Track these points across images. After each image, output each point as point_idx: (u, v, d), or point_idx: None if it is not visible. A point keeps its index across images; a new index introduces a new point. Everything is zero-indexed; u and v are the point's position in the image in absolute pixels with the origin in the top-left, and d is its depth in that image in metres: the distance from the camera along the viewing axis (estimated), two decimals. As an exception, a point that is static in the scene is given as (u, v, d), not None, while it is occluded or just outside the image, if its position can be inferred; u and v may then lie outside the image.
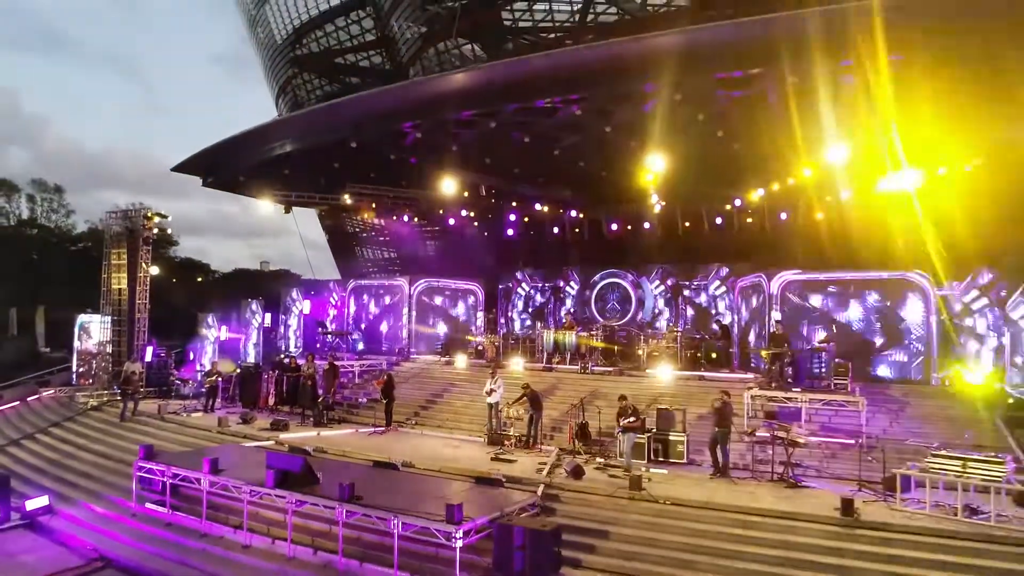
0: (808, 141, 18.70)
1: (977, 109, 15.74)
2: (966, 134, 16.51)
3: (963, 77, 15.14)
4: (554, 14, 34.98)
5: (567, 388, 19.47)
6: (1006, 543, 10.16)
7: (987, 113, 15.82)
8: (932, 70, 15.10)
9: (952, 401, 16.40)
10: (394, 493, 12.02)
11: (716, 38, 15.64)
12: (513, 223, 27.64)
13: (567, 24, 35.35)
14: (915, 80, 15.25)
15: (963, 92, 15.52)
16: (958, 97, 15.74)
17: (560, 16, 34.89)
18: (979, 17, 13.61)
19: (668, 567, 10.58)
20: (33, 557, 13.06)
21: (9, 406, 26.63)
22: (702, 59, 15.81)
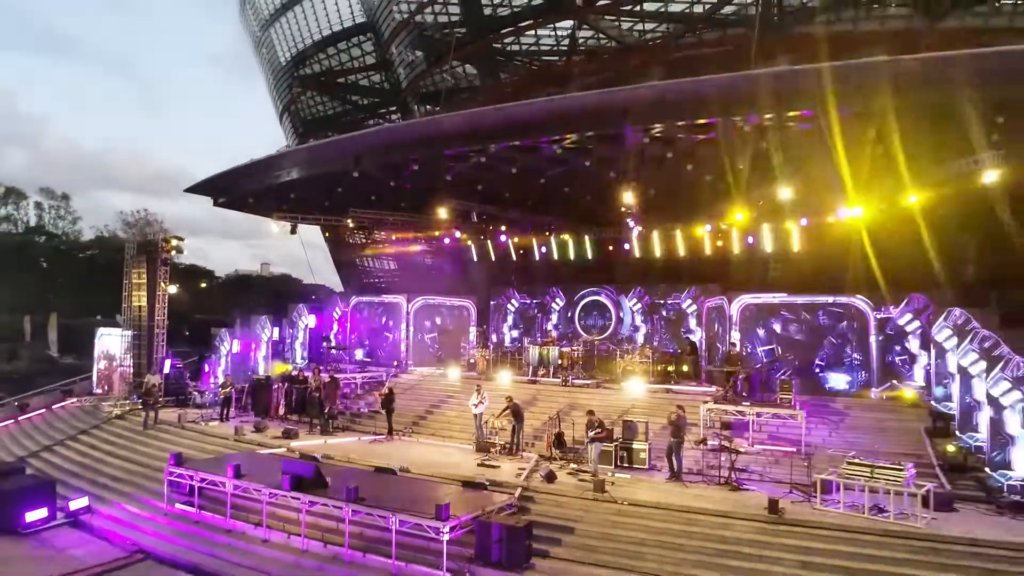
0: (765, 176, 20.82)
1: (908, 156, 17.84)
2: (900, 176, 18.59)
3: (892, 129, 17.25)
4: (542, 40, 37.32)
5: (548, 400, 21.57)
6: (901, 536, 12.24)
7: (914, 161, 17.93)
8: (866, 123, 17.22)
9: (888, 413, 18.50)
10: (392, 494, 14.09)
11: (680, 92, 17.73)
12: (504, 243, 29.71)
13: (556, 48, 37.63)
14: (854, 130, 17.38)
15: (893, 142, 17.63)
16: (891, 146, 17.86)
17: (548, 41, 37.24)
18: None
19: (621, 557, 12.63)
20: (81, 551, 15.12)
21: (36, 413, 28.69)
22: (667, 110, 17.92)
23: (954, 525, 12.63)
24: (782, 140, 18.69)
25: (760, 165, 19.93)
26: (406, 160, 23.27)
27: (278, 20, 44.38)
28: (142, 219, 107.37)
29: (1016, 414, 14.11)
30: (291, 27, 43.94)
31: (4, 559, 14.44)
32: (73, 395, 30.20)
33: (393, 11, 36.60)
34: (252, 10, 46.71)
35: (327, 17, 41.70)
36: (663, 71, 29.59)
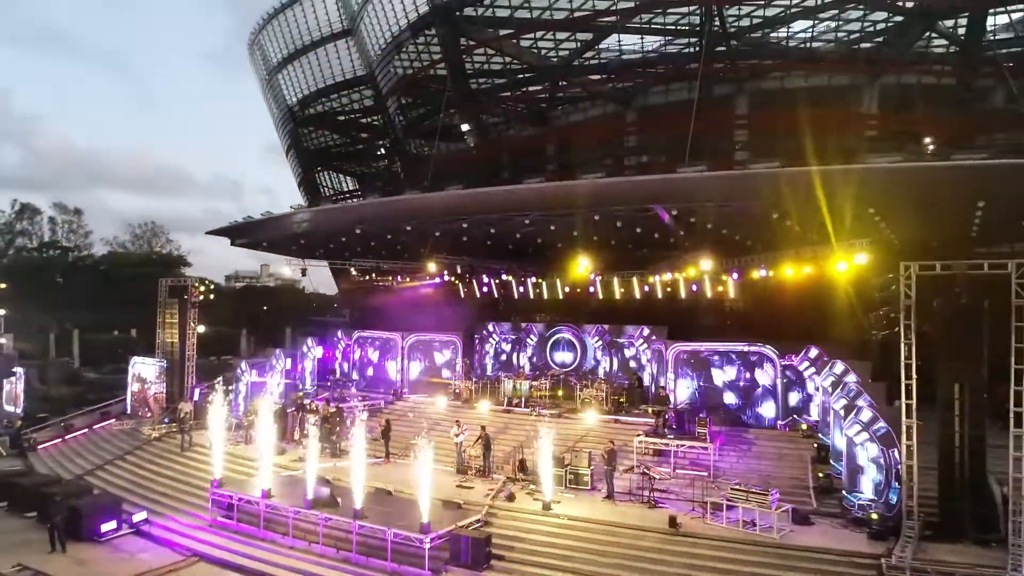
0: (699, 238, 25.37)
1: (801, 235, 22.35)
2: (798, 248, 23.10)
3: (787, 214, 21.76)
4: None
5: (518, 428, 26.01)
6: (761, 545, 16.67)
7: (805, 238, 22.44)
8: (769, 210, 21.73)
9: (786, 443, 22.97)
10: (388, 511, 18.54)
11: (612, 188, 22.22)
12: (486, 284, 34.13)
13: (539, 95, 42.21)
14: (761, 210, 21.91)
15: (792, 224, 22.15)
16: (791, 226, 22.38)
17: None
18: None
19: (557, 560, 17.04)
20: (148, 555, 19.56)
21: (80, 433, 33.01)
22: (603, 200, 22.40)
23: (803, 536, 17.08)
24: (706, 215, 23.21)
25: (693, 230, 24.48)
26: (400, 224, 27.76)
27: (285, 68, 48.68)
28: (149, 230, 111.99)
29: (864, 450, 18.51)
30: (297, 75, 48.28)
31: (91, 561, 18.89)
32: (111, 416, 34.58)
33: (390, 70, 41.03)
34: (261, 56, 50.96)
35: (330, 68, 46.10)
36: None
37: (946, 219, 22.70)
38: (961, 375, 16.31)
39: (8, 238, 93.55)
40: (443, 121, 40.80)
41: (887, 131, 31.06)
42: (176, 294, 32.54)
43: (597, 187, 22.40)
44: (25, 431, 32.70)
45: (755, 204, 21.47)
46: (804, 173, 19.96)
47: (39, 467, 28.89)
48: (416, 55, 39.45)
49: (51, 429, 33.47)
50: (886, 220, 22.18)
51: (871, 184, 19.52)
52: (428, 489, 17.72)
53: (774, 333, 25.68)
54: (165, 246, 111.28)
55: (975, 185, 18.57)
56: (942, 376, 16.61)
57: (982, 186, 18.53)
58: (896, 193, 19.97)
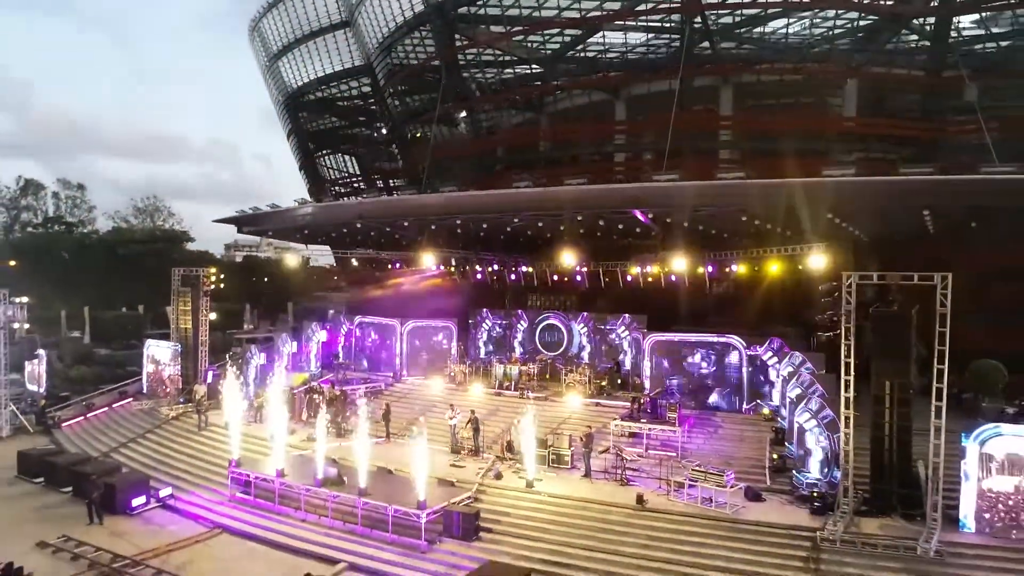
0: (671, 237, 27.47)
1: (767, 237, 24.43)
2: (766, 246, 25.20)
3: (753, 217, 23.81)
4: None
5: (508, 411, 28.31)
6: (714, 519, 19.06)
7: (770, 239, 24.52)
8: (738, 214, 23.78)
9: (749, 426, 25.31)
10: (389, 488, 20.90)
11: (595, 194, 24.19)
12: (480, 272, 36.20)
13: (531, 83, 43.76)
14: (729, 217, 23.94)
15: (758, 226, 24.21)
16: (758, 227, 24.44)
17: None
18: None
19: (536, 532, 19.44)
20: (175, 527, 21.97)
21: (101, 411, 35.37)
22: (586, 204, 24.40)
23: (754, 512, 19.47)
24: (681, 215, 25.27)
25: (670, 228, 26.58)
26: (398, 220, 29.78)
27: (284, 56, 50.09)
28: (151, 204, 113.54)
29: (812, 435, 20.81)
30: (296, 62, 49.71)
31: (126, 532, 21.29)
32: (128, 395, 36.91)
33: (387, 62, 42.55)
34: (261, 42, 52.29)
35: (329, 57, 47.57)
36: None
37: (900, 221, 24.78)
38: (891, 373, 18.53)
39: (13, 213, 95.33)
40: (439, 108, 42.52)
41: (860, 131, 32.87)
42: (188, 283, 34.59)
43: (580, 192, 24.38)
44: (49, 410, 35.10)
45: (725, 209, 23.50)
46: (768, 185, 21.97)
47: (65, 444, 31.28)
48: (412, 49, 40.95)
49: (73, 408, 35.81)
50: (847, 222, 24.25)
51: (827, 194, 21.58)
52: (424, 470, 19.99)
53: (746, 323, 27.89)
54: (167, 219, 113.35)
55: (915, 198, 20.59)
56: (875, 373, 18.83)
57: (922, 199, 20.57)
58: (848, 202, 22.02)
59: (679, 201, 22.39)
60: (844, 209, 22.68)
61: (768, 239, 25.47)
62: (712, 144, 34.12)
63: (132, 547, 19.99)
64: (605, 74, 40.14)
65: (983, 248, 28.81)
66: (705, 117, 34.44)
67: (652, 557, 17.81)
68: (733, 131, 33.83)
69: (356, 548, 19.42)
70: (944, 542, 17.31)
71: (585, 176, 25.79)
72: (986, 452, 17.82)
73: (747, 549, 17.85)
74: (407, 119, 45.87)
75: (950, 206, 21.32)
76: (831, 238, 24.01)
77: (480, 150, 40.64)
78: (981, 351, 28.35)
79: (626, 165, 36.13)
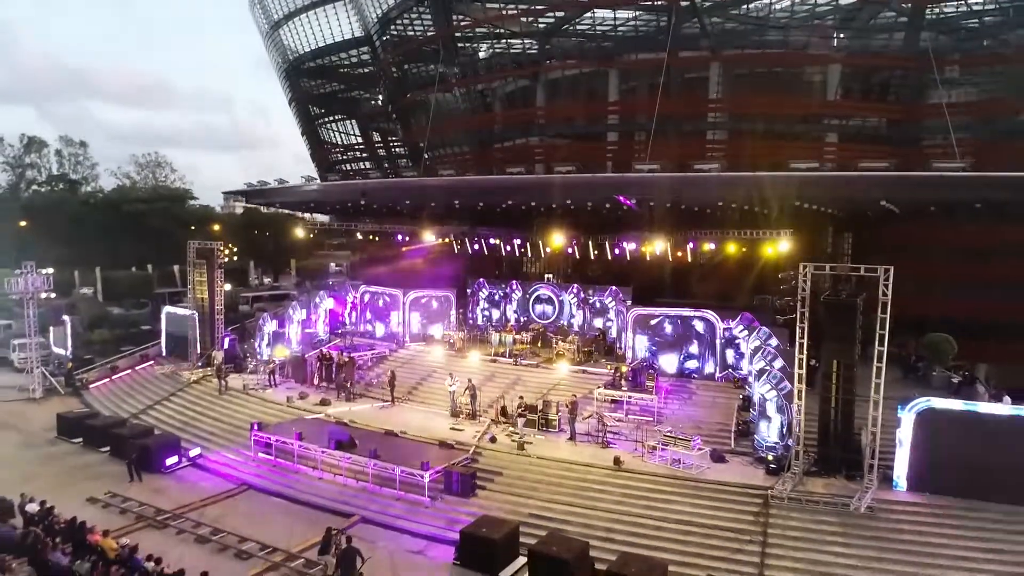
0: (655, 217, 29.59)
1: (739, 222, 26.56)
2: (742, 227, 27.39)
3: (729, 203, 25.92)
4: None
5: (502, 377, 30.95)
6: (681, 479, 21.76)
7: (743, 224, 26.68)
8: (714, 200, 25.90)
9: (721, 393, 27.89)
10: (396, 451, 23.59)
11: (581, 181, 26.20)
12: (477, 244, 38.36)
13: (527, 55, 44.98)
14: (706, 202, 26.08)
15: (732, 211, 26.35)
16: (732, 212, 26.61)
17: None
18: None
19: (526, 490, 22.16)
20: (206, 484, 24.74)
21: (124, 373, 38.04)
22: (572, 190, 26.46)
23: (716, 472, 22.15)
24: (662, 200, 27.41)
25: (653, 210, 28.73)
26: (400, 198, 31.83)
27: (285, 24, 51.03)
28: (152, 161, 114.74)
29: (772, 404, 23.35)
30: (297, 31, 50.67)
31: (164, 489, 24.05)
32: (149, 357, 39.47)
33: (386, 35, 43.78)
34: (262, 9, 53.09)
35: (329, 27, 48.52)
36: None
37: (869, 204, 26.88)
38: (838, 354, 20.97)
39: (18, 171, 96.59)
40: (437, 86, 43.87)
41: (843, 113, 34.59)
42: (203, 255, 36.76)
43: (567, 180, 26.43)
44: (76, 372, 37.76)
45: (701, 197, 25.59)
46: (738, 177, 24.03)
47: (95, 405, 34.00)
48: (410, 23, 42.16)
49: (98, 370, 38.45)
50: (820, 206, 26.38)
51: (791, 187, 23.69)
52: (427, 435, 22.60)
53: (722, 296, 30.29)
54: (169, 175, 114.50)
55: (871, 190, 22.71)
56: (824, 353, 21.29)
57: (877, 191, 22.69)
58: (812, 192, 24.13)
59: (658, 189, 24.45)
60: (813, 197, 24.76)
61: (749, 217, 27.52)
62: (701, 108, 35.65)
63: (171, 502, 22.74)
64: (599, 44, 41.37)
65: (947, 227, 31.14)
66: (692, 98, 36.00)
67: (625, 512, 20.55)
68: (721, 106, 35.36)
69: (367, 503, 22.18)
70: (878, 499, 20.04)
71: (576, 148, 27.68)
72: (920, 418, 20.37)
73: (707, 505, 20.59)
74: (405, 91, 47.21)
75: (904, 198, 23.36)
76: (810, 216, 26.08)
77: (477, 124, 42.16)
78: (940, 319, 31.06)
79: (619, 127, 37.77)
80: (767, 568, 18.03)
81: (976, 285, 31.95)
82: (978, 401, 24.94)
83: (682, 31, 35.50)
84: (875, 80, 35.31)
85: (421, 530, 20.67)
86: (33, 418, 32.38)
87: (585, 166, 28.83)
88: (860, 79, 35.23)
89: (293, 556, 18.93)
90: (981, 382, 25.98)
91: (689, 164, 26.45)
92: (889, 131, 34.32)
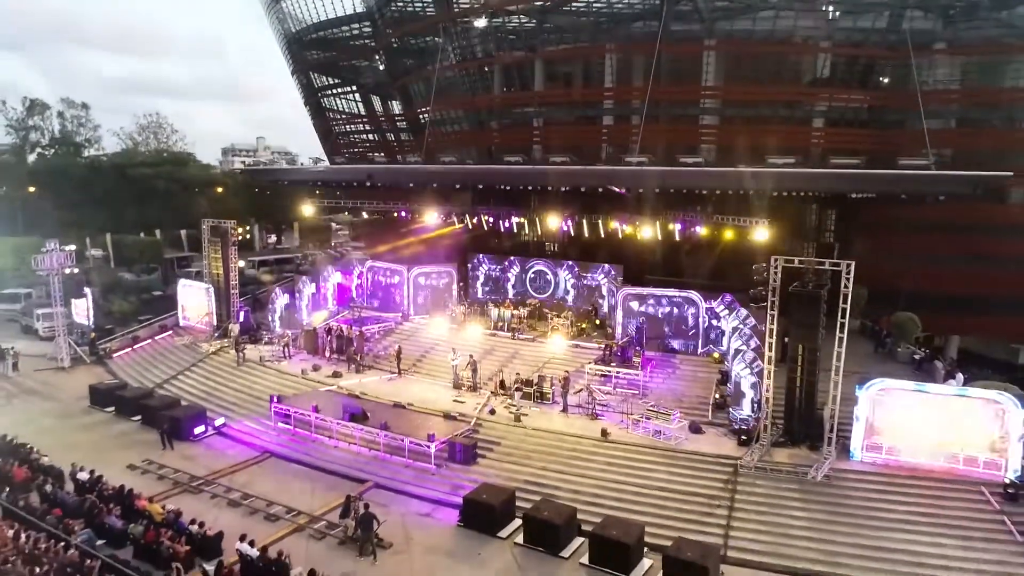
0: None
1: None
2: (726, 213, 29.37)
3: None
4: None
5: (501, 350, 33.29)
6: (660, 449, 24.25)
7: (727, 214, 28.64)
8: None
9: (702, 368, 30.27)
10: (404, 422, 26.06)
11: (574, 173, 28.07)
12: (477, 220, 40.22)
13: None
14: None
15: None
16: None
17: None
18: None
19: (521, 459, 24.66)
20: (232, 451, 27.25)
21: (145, 343, 40.39)
22: (565, 180, 28.34)
23: (693, 443, 24.63)
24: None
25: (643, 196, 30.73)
26: (405, 181, 33.70)
27: (286, -1, 51.75)
28: (154, 122, 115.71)
29: (746, 380, 25.70)
30: (299, 4, 51.43)
31: (195, 456, 26.57)
32: (168, 328, 41.77)
33: (386, 11, 44.81)
34: (263, -21, 53.71)
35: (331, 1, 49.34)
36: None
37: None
38: (804, 339, 23.22)
39: (22, 134, 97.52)
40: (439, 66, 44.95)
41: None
42: (218, 233, 38.71)
43: (560, 172, 28.32)
44: (99, 342, 40.06)
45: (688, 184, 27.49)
46: (720, 173, 25.93)
47: (120, 374, 36.42)
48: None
49: (119, 340, 40.78)
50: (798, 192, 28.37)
51: (768, 182, 25.62)
52: (434, 413, 24.98)
53: (710, 275, 32.53)
54: (171, 137, 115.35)
55: (841, 184, 24.69)
56: (791, 339, 23.54)
57: (845, 184, 24.66)
58: (789, 185, 26.07)
59: (647, 182, 26.37)
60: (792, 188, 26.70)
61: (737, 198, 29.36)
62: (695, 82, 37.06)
63: (202, 468, 25.26)
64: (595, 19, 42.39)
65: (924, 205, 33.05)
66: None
67: (611, 479, 23.07)
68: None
69: (379, 470, 24.69)
70: (836, 468, 22.55)
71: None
72: (875, 399, 22.73)
73: (684, 473, 23.12)
74: (406, 68, 48.38)
75: (872, 190, 25.29)
76: (796, 196, 27.92)
77: (476, 104, 43.50)
78: (916, 293, 33.50)
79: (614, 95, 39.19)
80: (732, 530, 20.56)
81: (952, 260, 34.20)
82: (937, 375, 27.50)
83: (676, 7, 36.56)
84: (859, 66, 36.57)
85: (428, 494, 23.21)
86: (65, 387, 34.78)
87: (580, 148, 30.43)
88: (846, 64, 36.55)
89: (316, 518, 21.47)
90: (939, 359, 28.26)
91: (680, 146, 28.09)
92: (870, 115, 35.89)
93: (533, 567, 19.13)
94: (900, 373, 28.27)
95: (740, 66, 37.78)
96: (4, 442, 25.37)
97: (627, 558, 18.47)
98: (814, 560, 19.24)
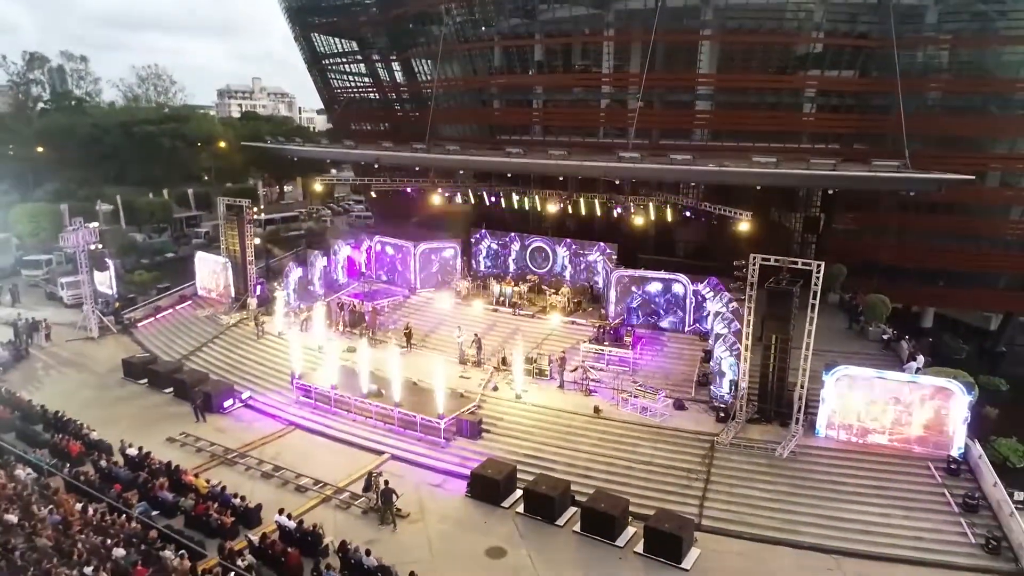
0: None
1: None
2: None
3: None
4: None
5: (503, 326, 35.82)
6: (646, 425, 27.00)
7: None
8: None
9: (688, 345, 32.81)
10: (416, 398, 28.77)
11: (572, 166, 29.97)
12: (481, 200, 42.23)
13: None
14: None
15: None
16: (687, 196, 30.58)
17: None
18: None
19: (522, 434, 27.43)
20: (259, 424, 30.03)
21: (167, 312, 42.88)
22: (567, 172, 30.29)
23: (676, 420, 27.37)
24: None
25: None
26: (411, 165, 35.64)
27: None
28: (152, 73, 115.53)
29: (726, 361, 28.25)
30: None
31: (226, 428, 29.34)
32: (187, 298, 44.19)
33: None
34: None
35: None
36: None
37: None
38: (777, 329, 25.70)
39: (23, 88, 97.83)
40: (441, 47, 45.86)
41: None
42: (234, 210, 40.73)
43: (560, 166, 30.25)
44: (123, 311, 42.56)
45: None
46: (708, 171, 27.95)
47: (145, 344, 39.06)
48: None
49: (142, 309, 43.31)
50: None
51: (752, 181, 27.68)
52: (442, 390, 27.53)
53: (701, 255, 34.82)
54: (169, 88, 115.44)
55: (818, 183, 26.79)
56: (766, 330, 26.02)
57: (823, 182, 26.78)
58: (770, 182, 28.15)
59: (639, 176, 28.37)
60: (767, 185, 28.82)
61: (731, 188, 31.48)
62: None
63: (235, 441, 28.05)
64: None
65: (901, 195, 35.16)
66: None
67: (601, 454, 25.88)
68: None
69: (395, 443, 27.52)
70: (802, 444, 25.33)
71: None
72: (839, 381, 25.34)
73: (667, 448, 25.91)
74: (408, 47, 49.35)
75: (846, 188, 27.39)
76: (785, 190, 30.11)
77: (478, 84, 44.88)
78: (895, 263, 36.06)
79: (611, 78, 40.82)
80: (707, 501, 23.41)
81: (929, 235, 36.61)
82: (902, 354, 30.08)
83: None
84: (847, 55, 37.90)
85: (439, 466, 26.07)
86: (97, 357, 37.46)
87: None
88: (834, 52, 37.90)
89: (341, 490, 24.34)
90: (905, 340, 30.77)
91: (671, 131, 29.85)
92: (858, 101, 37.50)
93: (532, 534, 22.06)
94: (870, 350, 31.04)
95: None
96: (56, 418, 28.12)
97: (613, 527, 21.38)
98: (777, 529, 22.11)
